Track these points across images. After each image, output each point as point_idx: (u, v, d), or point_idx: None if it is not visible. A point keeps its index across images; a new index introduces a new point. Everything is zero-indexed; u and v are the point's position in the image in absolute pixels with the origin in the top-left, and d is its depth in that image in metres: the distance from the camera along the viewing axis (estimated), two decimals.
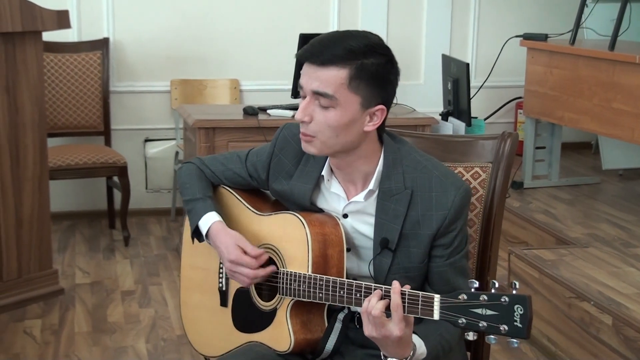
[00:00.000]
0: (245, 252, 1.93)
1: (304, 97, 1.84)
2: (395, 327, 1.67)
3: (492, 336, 1.62)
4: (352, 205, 1.93)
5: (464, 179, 2.08)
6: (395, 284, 1.70)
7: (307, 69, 1.81)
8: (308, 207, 1.96)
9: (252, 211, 2.05)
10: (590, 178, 5.39)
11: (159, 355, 3.52)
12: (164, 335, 3.69)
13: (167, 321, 3.85)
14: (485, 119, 5.64)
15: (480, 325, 1.61)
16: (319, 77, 1.78)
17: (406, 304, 1.69)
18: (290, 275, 1.89)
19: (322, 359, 1.96)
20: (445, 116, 4.89)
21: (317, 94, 1.80)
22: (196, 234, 2.04)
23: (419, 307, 1.68)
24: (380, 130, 1.90)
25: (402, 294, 1.70)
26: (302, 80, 1.83)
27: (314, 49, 1.80)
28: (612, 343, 3.18)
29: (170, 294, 4.16)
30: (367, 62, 1.78)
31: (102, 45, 5.17)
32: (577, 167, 5.78)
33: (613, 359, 3.17)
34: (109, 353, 3.52)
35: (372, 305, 1.70)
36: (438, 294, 1.68)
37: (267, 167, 2.03)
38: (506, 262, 3.95)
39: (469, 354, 2.12)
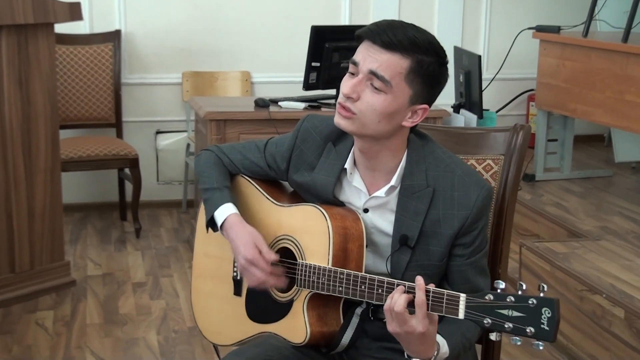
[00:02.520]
0: (260, 252, 1.93)
1: (352, 74, 1.81)
2: (418, 323, 1.66)
3: (516, 337, 1.61)
4: (373, 200, 1.91)
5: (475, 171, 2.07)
6: (420, 280, 1.69)
7: (368, 47, 1.79)
8: (330, 200, 1.95)
9: (272, 201, 2.04)
10: (602, 171, 5.37)
11: (170, 346, 3.53)
12: (175, 327, 3.70)
13: (178, 313, 3.86)
14: (497, 112, 5.63)
15: (506, 326, 1.60)
16: (380, 59, 1.77)
17: (430, 302, 1.69)
18: (310, 267, 1.89)
19: (336, 352, 1.96)
20: (457, 108, 4.88)
21: (373, 74, 1.77)
22: (211, 223, 2.03)
23: (444, 305, 1.67)
24: (413, 128, 1.90)
25: (427, 291, 1.69)
26: (359, 57, 1.80)
27: (380, 30, 1.78)
28: (624, 336, 3.17)
29: (181, 286, 4.17)
30: (427, 59, 1.78)
31: (113, 37, 5.17)
32: (589, 159, 5.75)
33: (625, 352, 3.17)
34: (120, 344, 3.54)
35: (395, 301, 1.69)
36: (459, 292, 1.68)
37: (287, 159, 2.02)
38: (517, 255, 3.94)
39: (480, 347, 2.12)
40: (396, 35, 1.76)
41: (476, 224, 1.85)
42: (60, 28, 4.32)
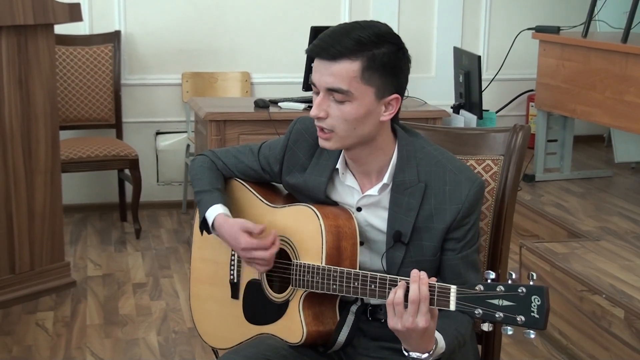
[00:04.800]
0: (250, 233, 1.93)
1: (317, 94, 1.82)
2: (421, 318, 1.66)
3: (508, 327, 1.62)
4: (366, 198, 1.92)
5: (475, 171, 2.07)
6: (423, 274, 1.69)
7: (318, 64, 1.80)
8: (322, 200, 1.95)
9: (265, 203, 2.05)
10: (602, 171, 5.37)
11: (170, 347, 3.53)
12: (175, 328, 3.71)
13: (178, 313, 3.86)
14: (496, 112, 5.63)
15: (497, 315, 1.60)
16: (331, 73, 1.77)
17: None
18: (304, 267, 1.89)
19: (333, 351, 1.97)
20: (456, 109, 4.88)
21: (331, 90, 1.79)
22: (204, 225, 2.05)
23: (435, 297, 1.67)
24: (394, 121, 1.90)
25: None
26: (315, 77, 1.81)
27: (324, 44, 1.78)
28: (624, 336, 3.17)
29: (182, 287, 4.17)
30: (378, 52, 1.77)
31: (113, 38, 5.18)
32: (589, 160, 5.76)
33: (624, 352, 3.17)
34: (120, 345, 3.54)
35: (398, 296, 1.69)
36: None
37: (280, 161, 2.03)
38: (517, 255, 3.94)
39: (480, 347, 2.12)
40: (340, 43, 1.76)
41: (468, 218, 1.86)
42: (60, 29, 4.33)
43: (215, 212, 2.01)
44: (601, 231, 4.14)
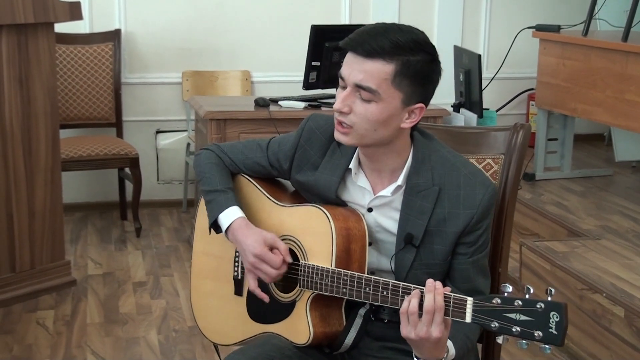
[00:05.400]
0: (272, 248, 1.92)
1: (344, 88, 1.80)
2: (435, 328, 1.65)
3: (523, 341, 1.60)
4: (379, 199, 1.91)
5: None
6: (439, 284, 1.68)
7: (351, 59, 1.78)
8: (332, 200, 1.94)
9: (273, 201, 2.03)
10: (602, 170, 5.37)
11: (171, 346, 3.53)
12: (175, 326, 3.71)
13: (178, 312, 3.86)
14: (497, 111, 5.63)
15: (514, 330, 1.59)
16: (363, 69, 1.75)
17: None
18: (313, 268, 1.88)
19: (339, 353, 1.96)
20: (457, 108, 4.88)
21: (359, 87, 1.77)
22: (214, 225, 2.03)
23: (451, 308, 1.66)
24: (413, 127, 1.88)
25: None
26: (345, 71, 1.79)
27: (361, 39, 1.76)
28: (624, 335, 3.17)
29: (182, 285, 4.17)
30: (413, 59, 1.76)
31: (113, 36, 5.17)
32: (589, 158, 5.75)
33: (625, 350, 3.17)
34: (120, 344, 3.54)
35: (413, 305, 1.67)
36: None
37: (290, 158, 2.00)
38: (517, 254, 3.94)
39: (480, 345, 2.12)
40: (377, 42, 1.74)
41: (481, 223, 1.85)
42: (61, 27, 4.32)
43: (234, 215, 1.99)
44: (601, 230, 4.14)
